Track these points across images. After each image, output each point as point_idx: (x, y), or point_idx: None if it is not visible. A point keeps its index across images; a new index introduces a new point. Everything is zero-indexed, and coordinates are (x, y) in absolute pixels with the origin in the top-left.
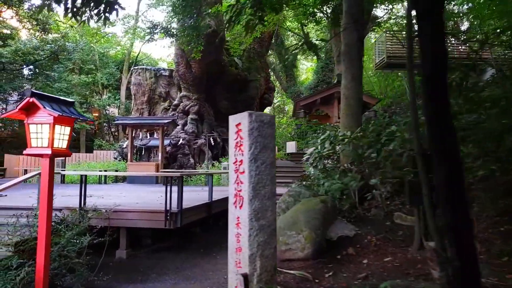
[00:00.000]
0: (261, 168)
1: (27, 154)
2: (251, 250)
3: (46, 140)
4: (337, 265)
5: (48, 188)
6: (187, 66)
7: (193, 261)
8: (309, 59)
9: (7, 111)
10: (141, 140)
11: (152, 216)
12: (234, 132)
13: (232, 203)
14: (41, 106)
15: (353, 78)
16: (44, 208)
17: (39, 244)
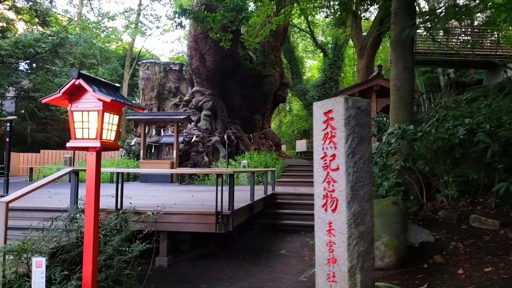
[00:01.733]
0: (359, 164)
1: (71, 147)
2: (351, 262)
3: (94, 131)
4: (428, 276)
5: (95, 187)
6: (201, 59)
7: (243, 269)
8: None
9: (49, 97)
10: (150, 137)
11: (201, 219)
12: (321, 121)
13: (320, 206)
14: (90, 89)
15: (405, 68)
16: (91, 211)
17: (86, 252)
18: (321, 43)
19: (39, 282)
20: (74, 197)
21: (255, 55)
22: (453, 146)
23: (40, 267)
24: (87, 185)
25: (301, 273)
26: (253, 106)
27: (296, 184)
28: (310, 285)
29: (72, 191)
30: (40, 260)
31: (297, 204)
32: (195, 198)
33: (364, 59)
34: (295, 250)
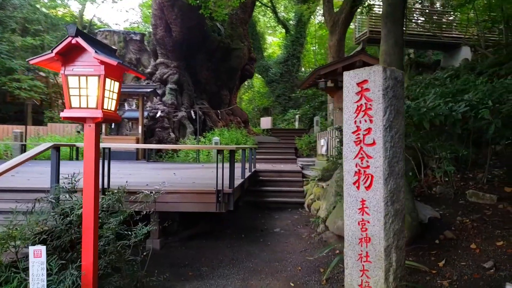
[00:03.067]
0: (395, 138)
1: (65, 118)
2: (387, 241)
3: (94, 99)
4: (442, 252)
5: (95, 164)
6: (167, 29)
7: (243, 249)
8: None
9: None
10: None
11: (200, 198)
12: (354, 92)
13: (351, 183)
14: (91, 50)
15: (396, 43)
16: (90, 191)
17: (86, 238)
18: (283, 18)
19: (38, 274)
20: (55, 176)
21: (223, 27)
22: (454, 121)
23: (39, 257)
24: (86, 162)
25: (305, 251)
26: (220, 80)
27: (272, 161)
28: (319, 264)
29: (53, 169)
30: (39, 249)
31: (280, 181)
32: (180, 176)
33: (336, 36)
34: (288, 228)
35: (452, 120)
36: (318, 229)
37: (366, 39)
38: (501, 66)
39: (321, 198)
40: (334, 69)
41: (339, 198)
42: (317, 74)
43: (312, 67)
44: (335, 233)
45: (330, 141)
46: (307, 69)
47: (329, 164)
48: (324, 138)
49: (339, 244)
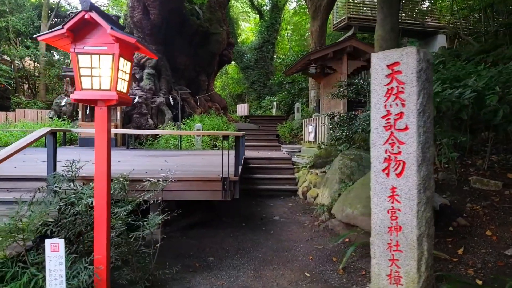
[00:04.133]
0: (427, 123)
1: (76, 100)
2: (420, 230)
3: (108, 79)
4: (459, 239)
5: (108, 149)
6: (144, 11)
7: (247, 238)
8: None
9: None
10: None
11: (205, 186)
12: (383, 75)
13: (380, 170)
14: (107, 26)
15: (392, 29)
16: (103, 178)
17: (98, 229)
18: (257, 4)
19: (56, 269)
20: (52, 164)
21: (201, 11)
22: (461, 107)
23: (56, 251)
24: (98, 148)
25: (312, 240)
26: (199, 66)
27: (257, 148)
28: (329, 253)
29: (50, 156)
30: (57, 242)
31: (270, 169)
32: (174, 163)
33: (318, 21)
34: (287, 216)
35: (458, 106)
36: (321, 217)
37: (344, 26)
38: (488, 54)
39: (320, 186)
40: (325, 54)
41: (343, 186)
42: (308, 59)
43: (286, 54)
44: (342, 221)
45: (319, 127)
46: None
47: (321, 151)
48: (312, 124)
49: (349, 232)
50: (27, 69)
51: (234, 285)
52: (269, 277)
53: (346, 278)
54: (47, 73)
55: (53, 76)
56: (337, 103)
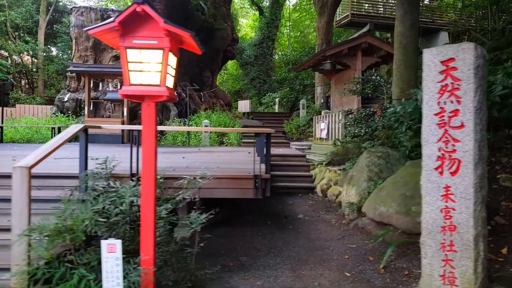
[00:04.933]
0: (483, 121)
1: (124, 95)
2: (476, 229)
3: (157, 75)
4: (499, 238)
5: (155, 148)
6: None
7: (277, 237)
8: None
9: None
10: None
11: (237, 184)
12: (437, 71)
13: (433, 168)
14: (159, 19)
15: (412, 25)
16: (150, 176)
17: (145, 229)
18: (257, 0)
19: (113, 271)
20: (84, 161)
21: (206, 6)
22: (492, 104)
23: (113, 251)
24: (145, 146)
25: (343, 239)
26: (203, 62)
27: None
28: (364, 252)
29: (82, 153)
30: (113, 243)
31: (284, 166)
32: (194, 160)
33: (325, 17)
34: (310, 214)
35: (489, 104)
36: (349, 216)
37: (348, 22)
38: (502, 51)
39: (343, 183)
40: (340, 50)
41: (372, 184)
42: (323, 55)
43: (285, 50)
44: (374, 220)
45: (332, 124)
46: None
47: (338, 148)
48: (324, 121)
49: (387, 231)
50: (25, 64)
51: (274, 285)
52: (309, 277)
53: (389, 278)
54: (46, 68)
55: (53, 72)
56: (350, 100)
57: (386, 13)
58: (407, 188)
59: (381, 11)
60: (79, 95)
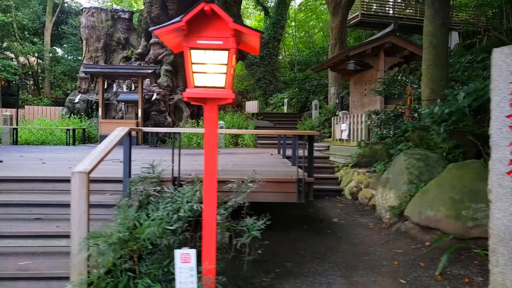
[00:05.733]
0: None
1: (189, 98)
2: None
3: (222, 77)
4: None
5: (215, 152)
6: (163, 7)
7: (319, 242)
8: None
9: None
10: (96, 94)
11: (279, 187)
12: (509, 71)
13: (504, 172)
14: (228, 18)
15: (443, 24)
16: (212, 180)
17: (207, 236)
18: (262, 1)
19: (187, 282)
20: (128, 164)
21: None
22: None
23: (187, 262)
24: (207, 150)
25: (386, 243)
26: None
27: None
28: (414, 257)
29: (126, 157)
30: (188, 253)
31: None
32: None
33: (338, 17)
34: (344, 218)
35: None
36: (390, 219)
37: (357, 22)
38: None
39: (377, 186)
40: (364, 50)
41: (413, 187)
42: (346, 55)
43: (290, 51)
44: (420, 224)
45: (354, 125)
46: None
47: (365, 149)
48: (346, 122)
49: (443, 237)
50: (32, 65)
51: None
52: (363, 284)
53: (449, 286)
54: (53, 69)
55: (59, 73)
56: (372, 100)
57: (396, 13)
58: (455, 192)
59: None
60: (89, 96)
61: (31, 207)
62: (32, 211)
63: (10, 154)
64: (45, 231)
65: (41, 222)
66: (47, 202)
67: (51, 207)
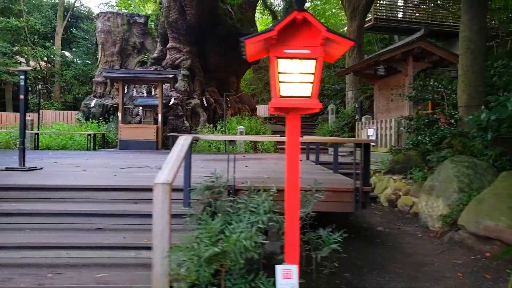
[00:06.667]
0: None
1: (276, 108)
2: None
3: (309, 86)
4: None
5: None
6: (181, 11)
7: (370, 252)
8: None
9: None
10: (112, 98)
11: (335, 197)
12: None
13: None
14: (322, 27)
15: (481, 29)
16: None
17: (290, 250)
18: (270, 5)
19: None
20: (188, 172)
21: (233, 11)
22: None
23: (288, 277)
24: (289, 158)
25: (442, 253)
26: (230, 67)
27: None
28: (476, 268)
29: (187, 165)
30: (289, 268)
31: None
32: (257, 168)
33: (356, 22)
34: (388, 226)
35: None
36: (440, 228)
37: (370, 27)
38: None
39: (419, 194)
40: (394, 55)
41: (465, 195)
42: (376, 60)
43: None
44: (477, 234)
45: (382, 130)
46: None
47: (398, 156)
48: (373, 127)
49: (486, 246)
50: (43, 69)
51: None
52: None
53: None
54: (64, 73)
55: (70, 77)
56: (399, 106)
57: (407, 17)
58: None
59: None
60: (105, 100)
61: (91, 217)
62: (92, 221)
63: (41, 160)
64: (112, 242)
65: (104, 233)
66: (105, 211)
67: (110, 217)
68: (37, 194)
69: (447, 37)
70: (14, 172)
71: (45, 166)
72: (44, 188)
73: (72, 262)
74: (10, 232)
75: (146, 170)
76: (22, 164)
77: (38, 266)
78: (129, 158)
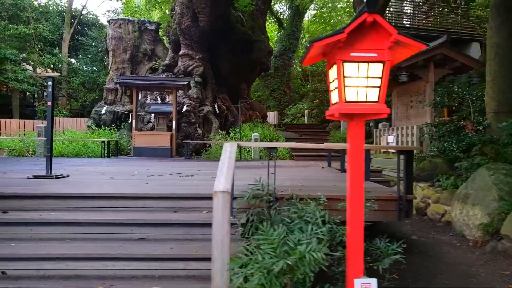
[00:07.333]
0: None
1: (341, 114)
2: None
3: (376, 91)
4: None
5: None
6: (193, 18)
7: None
8: None
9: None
10: (123, 105)
11: (379, 206)
12: None
13: None
14: (393, 30)
15: (509, 35)
16: (359, 199)
17: (353, 262)
18: (276, 12)
19: None
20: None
21: (244, 18)
22: None
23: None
24: (353, 166)
25: (486, 264)
26: (241, 74)
27: (319, 158)
28: None
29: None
30: (368, 282)
31: None
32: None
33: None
34: (421, 235)
35: None
36: (481, 238)
37: None
38: None
39: (450, 202)
40: (416, 61)
41: (506, 203)
42: (397, 66)
43: None
44: None
45: (404, 137)
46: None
47: (424, 163)
48: (392, 134)
49: None
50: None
51: None
52: None
53: None
54: (72, 80)
55: (78, 84)
56: (419, 113)
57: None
58: None
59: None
60: (116, 107)
61: (131, 227)
62: (134, 230)
63: (62, 167)
64: (159, 253)
65: (148, 243)
66: (146, 221)
67: (152, 227)
68: (73, 202)
69: (455, 44)
70: (43, 180)
71: (69, 173)
72: (80, 196)
73: (119, 274)
74: (52, 242)
75: (175, 178)
76: (49, 172)
77: (86, 278)
78: (149, 166)
